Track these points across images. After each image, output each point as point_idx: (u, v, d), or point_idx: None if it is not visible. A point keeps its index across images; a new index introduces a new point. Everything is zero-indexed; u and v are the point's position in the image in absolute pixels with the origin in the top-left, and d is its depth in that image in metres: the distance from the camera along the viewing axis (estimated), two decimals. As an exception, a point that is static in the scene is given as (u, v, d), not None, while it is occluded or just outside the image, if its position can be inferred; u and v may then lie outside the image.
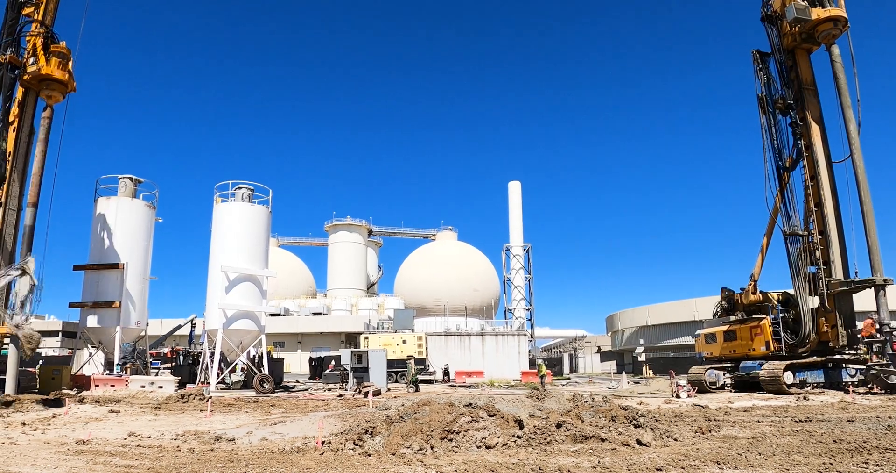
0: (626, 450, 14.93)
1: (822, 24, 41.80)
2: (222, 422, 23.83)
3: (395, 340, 65.71)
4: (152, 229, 54.13)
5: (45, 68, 43.93)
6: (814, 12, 41.74)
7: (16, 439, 18.42)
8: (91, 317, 49.59)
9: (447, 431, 15.82)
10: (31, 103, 44.78)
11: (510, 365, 71.15)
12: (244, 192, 50.06)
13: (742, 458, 13.85)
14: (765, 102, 43.86)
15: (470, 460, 13.80)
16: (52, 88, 44.74)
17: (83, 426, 22.08)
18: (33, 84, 44.34)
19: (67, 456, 15.15)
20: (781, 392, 36.42)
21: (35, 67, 43.82)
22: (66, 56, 45.42)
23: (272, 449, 16.16)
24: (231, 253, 47.62)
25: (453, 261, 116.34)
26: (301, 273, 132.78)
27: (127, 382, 42.24)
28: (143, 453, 15.70)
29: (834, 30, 41.66)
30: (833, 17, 41.50)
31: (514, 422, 16.46)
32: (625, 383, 54.43)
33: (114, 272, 50.15)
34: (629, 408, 18.81)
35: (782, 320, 40.58)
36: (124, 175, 53.51)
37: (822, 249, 40.61)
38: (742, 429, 19.51)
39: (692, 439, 17.11)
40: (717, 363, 44.01)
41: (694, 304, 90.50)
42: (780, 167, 42.87)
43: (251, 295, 47.91)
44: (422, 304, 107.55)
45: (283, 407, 31.25)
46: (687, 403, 31.72)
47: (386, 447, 15.27)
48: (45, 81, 44.49)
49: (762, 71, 44.45)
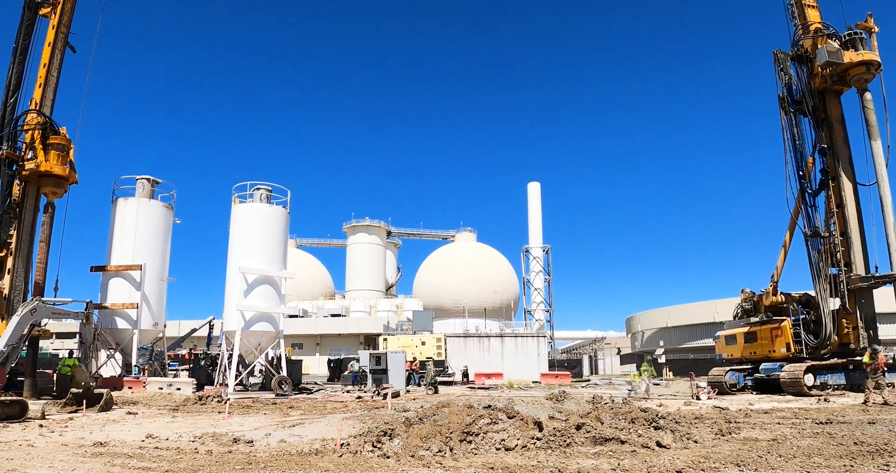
0: (645, 452, 14.85)
1: (854, 68, 41.18)
2: (240, 424, 23.83)
3: (414, 341, 65.62)
4: (170, 230, 54.18)
5: (44, 164, 43.37)
6: (846, 55, 41.04)
7: (33, 441, 18.45)
8: (109, 319, 49.66)
9: (466, 433, 15.76)
10: (32, 195, 44.25)
11: (529, 367, 70.91)
12: (262, 193, 49.97)
13: (762, 460, 13.76)
14: (786, 103, 43.54)
15: (489, 462, 13.75)
16: (52, 183, 44.37)
17: (100, 427, 22.10)
18: (33, 179, 43.78)
19: (85, 459, 15.15)
20: (802, 394, 36.24)
21: (34, 164, 43.15)
22: (66, 147, 44.82)
23: (290, 451, 16.14)
24: (249, 254, 47.53)
25: (472, 262, 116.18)
26: (319, 275, 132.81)
27: (145, 384, 42.28)
28: (161, 455, 15.69)
29: (866, 74, 41.08)
30: (866, 61, 40.95)
31: (533, 424, 16.38)
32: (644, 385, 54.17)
33: (131, 274, 50.23)
34: (649, 410, 18.70)
35: (803, 321, 40.37)
36: (142, 176, 53.58)
37: (843, 250, 40.36)
38: (762, 431, 19.38)
39: (712, 441, 17.01)
40: (738, 364, 43.82)
41: (714, 305, 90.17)
42: (800, 168, 42.62)
43: (269, 297, 47.82)
44: (441, 305, 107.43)
45: (301, 409, 31.23)
46: (707, 405, 31.57)
47: (405, 449, 15.22)
48: (45, 177, 44.11)
49: (783, 71, 44.14)
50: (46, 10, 45.40)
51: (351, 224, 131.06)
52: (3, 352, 36.33)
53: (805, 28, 43.53)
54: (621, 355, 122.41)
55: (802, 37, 43.54)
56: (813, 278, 41.09)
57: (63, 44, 45.72)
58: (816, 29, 42.93)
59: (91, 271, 51.49)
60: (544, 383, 60.22)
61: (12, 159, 43.28)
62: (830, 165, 41.67)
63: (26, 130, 43.91)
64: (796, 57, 43.65)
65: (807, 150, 42.79)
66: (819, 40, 42.26)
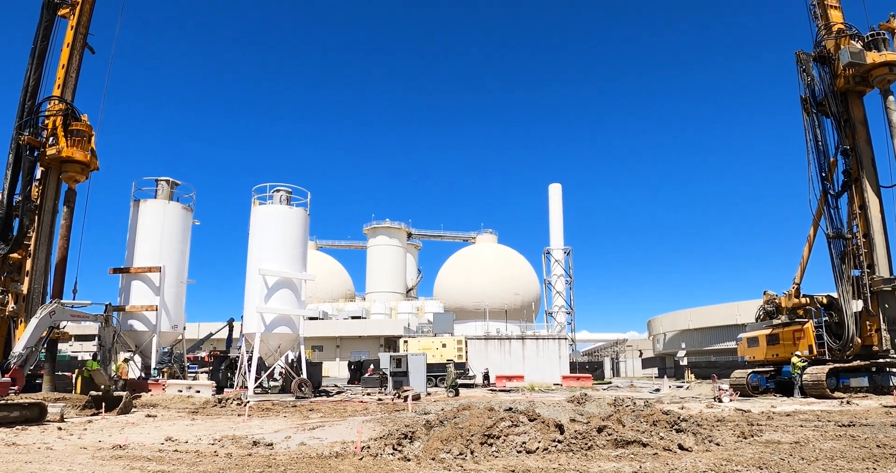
0: (667, 455, 14.76)
1: (876, 69, 40.98)
2: (260, 427, 23.82)
3: (435, 344, 65.56)
4: (189, 231, 54.26)
5: (65, 150, 43.82)
6: (869, 56, 40.87)
7: (52, 444, 18.46)
8: (128, 321, 49.76)
9: (487, 436, 15.70)
10: (53, 182, 44.69)
11: (551, 369, 70.81)
12: (282, 194, 49.97)
13: (785, 463, 13.66)
14: (808, 104, 43.28)
15: (510, 465, 13.68)
16: (73, 169, 44.86)
17: (119, 430, 22.09)
18: (54, 165, 44.25)
19: (104, 462, 15.14)
20: (825, 397, 36.06)
21: (55, 150, 43.60)
22: (88, 133, 45.32)
23: (310, 454, 16.11)
24: (269, 256, 47.51)
25: (493, 264, 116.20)
26: (339, 276, 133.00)
27: (164, 386, 42.32)
28: (181, 458, 15.67)
29: (889, 75, 40.85)
30: (889, 62, 40.78)
31: (554, 427, 16.30)
32: (666, 387, 54.03)
33: (151, 276, 50.32)
34: (671, 413, 18.59)
35: (825, 323, 40.12)
36: (161, 177, 53.71)
37: (866, 252, 40.08)
38: (785, 434, 19.25)
39: (734, 443, 16.89)
40: (760, 367, 43.62)
41: (736, 307, 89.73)
42: (823, 169, 42.35)
43: (289, 299, 47.79)
44: (461, 307, 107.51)
45: (321, 412, 31.22)
46: (729, 407, 31.40)
47: (425, 452, 15.18)
48: (67, 163, 44.50)
49: (805, 72, 43.87)
50: (65, 11, 45.65)
51: (371, 226, 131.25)
52: (22, 355, 36.41)
53: (828, 29, 43.29)
54: (643, 357, 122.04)
55: (825, 37, 43.28)
56: (835, 280, 40.83)
57: (82, 45, 45.99)
58: (839, 30, 42.70)
59: (111, 273, 51.62)
60: (566, 385, 60.16)
61: (34, 146, 43.71)
62: (853, 167, 41.41)
63: (48, 117, 44.19)
64: (819, 58, 43.39)
65: (829, 151, 42.52)
66: (842, 41, 42.02)
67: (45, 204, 43.92)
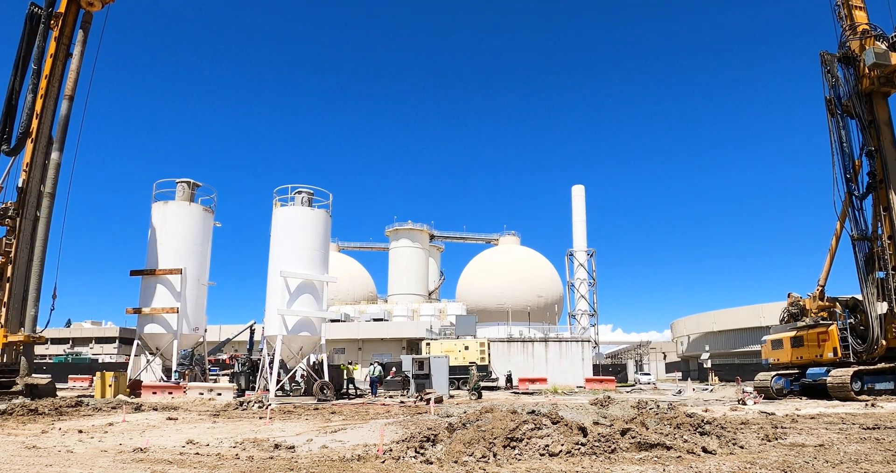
0: (691, 458, 14.69)
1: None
2: (282, 430, 23.80)
3: (457, 346, 65.47)
4: (210, 233, 54.44)
5: None
6: (893, 57, 40.59)
7: (72, 447, 18.47)
8: (148, 323, 49.89)
9: (510, 439, 15.65)
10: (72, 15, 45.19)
11: (574, 372, 70.70)
12: (304, 196, 49.89)
13: (809, 466, 13.61)
14: (833, 105, 43.04)
15: (533, 468, 13.67)
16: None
17: (140, 433, 22.11)
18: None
19: (125, 464, 15.16)
20: (849, 399, 35.86)
21: None
22: None
23: (332, 457, 16.09)
24: (291, 258, 47.45)
25: (516, 266, 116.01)
26: (361, 278, 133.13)
27: (185, 389, 42.40)
28: (202, 461, 15.67)
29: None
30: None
31: (577, 430, 16.22)
32: (690, 390, 53.86)
33: (171, 278, 50.45)
34: (695, 415, 18.49)
35: (850, 326, 39.87)
36: (182, 179, 53.93)
37: (891, 253, 39.82)
38: (809, 437, 19.13)
39: (758, 446, 16.80)
40: (784, 369, 43.41)
41: (760, 309, 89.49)
42: (848, 170, 42.11)
43: (311, 301, 47.74)
44: (484, 310, 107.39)
45: (343, 414, 31.21)
46: (753, 410, 31.26)
47: (448, 455, 15.14)
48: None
49: (830, 73, 43.63)
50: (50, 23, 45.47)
51: (393, 228, 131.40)
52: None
53: (852, 29, 43.01)
54: (666, 359, 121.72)
55: (850, 38, 43.01)
56: (860, 282, 40.60)
57: (65, 55, 45.60)
58: (864, 30, 42.42)
59: (130, 275, 51.79)
60: (589, 388, 60.02)
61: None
62: (878, 168, 41.15)
63: None
64: (843, 58, 43.12)
65: (854, 152, 42.29)
66: (866, 42, 41.73)
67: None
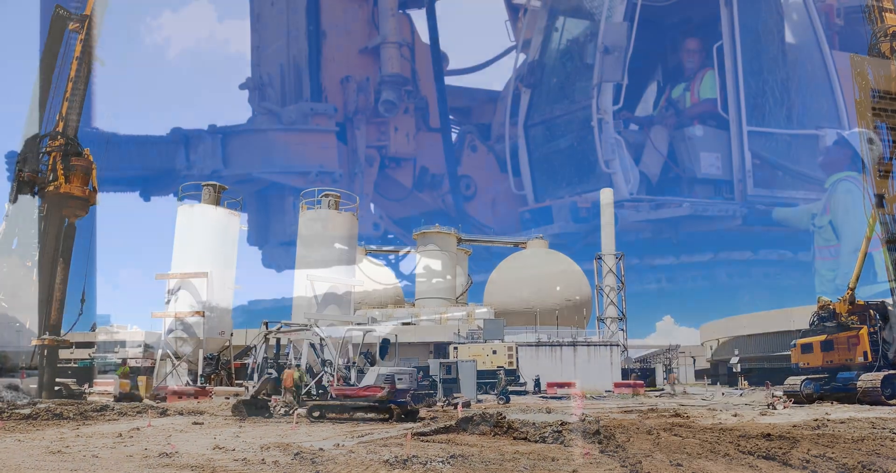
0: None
1: None
2: (308, 434, 23.66)
3: (485, 350, 65.20)
4: (237, 237, 54.31)
5: (63, 187, 44.03)
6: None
7: (98, 452, 18.32)
8: (174, 328, 49.86)
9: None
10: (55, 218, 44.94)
11: (602, 376, 70.18)
12: (331, 199, 49.89)
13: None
14: (863, 107, 42.70)
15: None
16: (73, 204, 44.95)
17: (166, 438, 21.94)
18: (54, 201, 44.53)
19: (151, 469, 15.11)
20: (880, 404, 35.48)
21: (53, 186, 43.93)
22: (89, 168, 45.48)
23: (359, 462, 15.84)
24: (317, 262, 47.37)
25: (544, 270, 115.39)
26: (388, 282, 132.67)
27: (211, 394, 42.25)
28: (228, 466, 15.54)
29: None
30: None
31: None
32: (720, 394, 53.52)
33: (196, 282, 50.37)
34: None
35: (881, 329, 39.46)
36: (208, 182, 53.82)
37: (921, 257, 39.49)
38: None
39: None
40: (814, 373, 42.98)
41: (789, 313, 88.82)
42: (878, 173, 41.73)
43: (338, 305, 47.61)
44: (512, 314, 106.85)
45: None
46: (783, 415, 30.91)
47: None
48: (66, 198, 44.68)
49: (860, 75, 43.26)
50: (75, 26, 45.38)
51: (420, 231, 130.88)
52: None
53: (883, 32, 42.67)
54: (695, 363, 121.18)
55: (881, 40, 42.65)
56: (891, 286, 40.22)
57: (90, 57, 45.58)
58: (894, 32, 42.07)
59: (156, 279, 51.78)
60: (617, 392, 59.69)
61: (35, 181, 44.03)
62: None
63: (48, 153, 44.34)
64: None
65: (885, 155, 41.90)
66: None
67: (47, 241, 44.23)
